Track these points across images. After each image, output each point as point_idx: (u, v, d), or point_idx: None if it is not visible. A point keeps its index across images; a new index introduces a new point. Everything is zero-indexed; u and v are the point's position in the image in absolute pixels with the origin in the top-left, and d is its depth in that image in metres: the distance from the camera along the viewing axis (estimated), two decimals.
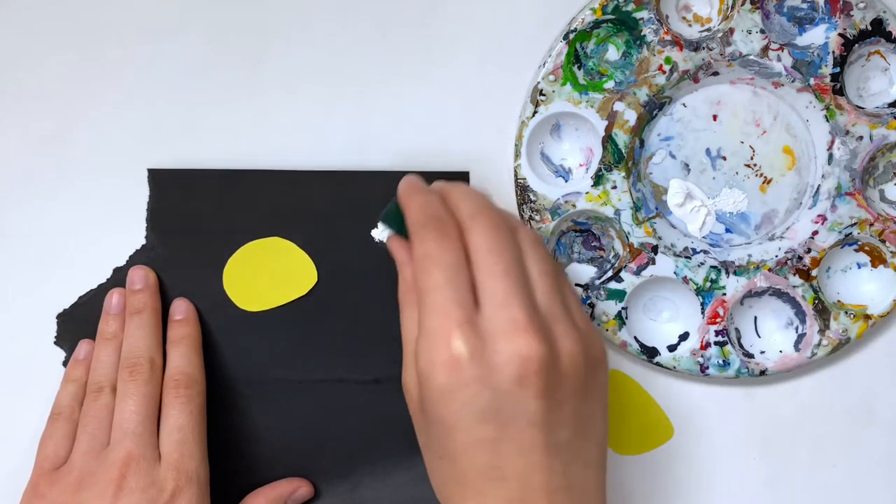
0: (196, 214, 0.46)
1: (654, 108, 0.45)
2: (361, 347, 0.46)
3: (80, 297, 0.46)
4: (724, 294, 0.45)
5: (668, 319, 0.47)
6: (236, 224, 0.46)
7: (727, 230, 0.47)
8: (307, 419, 0.46)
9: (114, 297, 0.45)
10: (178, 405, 0.42)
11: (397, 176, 0.46)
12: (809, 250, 0.46)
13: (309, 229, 0.46)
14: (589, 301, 0.45)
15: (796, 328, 0.46)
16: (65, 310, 0.46)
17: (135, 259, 0.46)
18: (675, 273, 0.45)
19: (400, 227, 0.40)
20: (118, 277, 0.45)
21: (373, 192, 0.45)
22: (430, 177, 0.46)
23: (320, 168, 0.46)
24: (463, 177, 0.46)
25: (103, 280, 0.46)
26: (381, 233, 0.41)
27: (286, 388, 0.46)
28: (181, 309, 0.45)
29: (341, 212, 0.46)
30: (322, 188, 0.46)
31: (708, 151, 0.46)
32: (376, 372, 0.46)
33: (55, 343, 0.46)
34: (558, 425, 0.36)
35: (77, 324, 0.45)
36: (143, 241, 0.46)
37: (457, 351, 0.35)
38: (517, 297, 0.36)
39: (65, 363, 0.45)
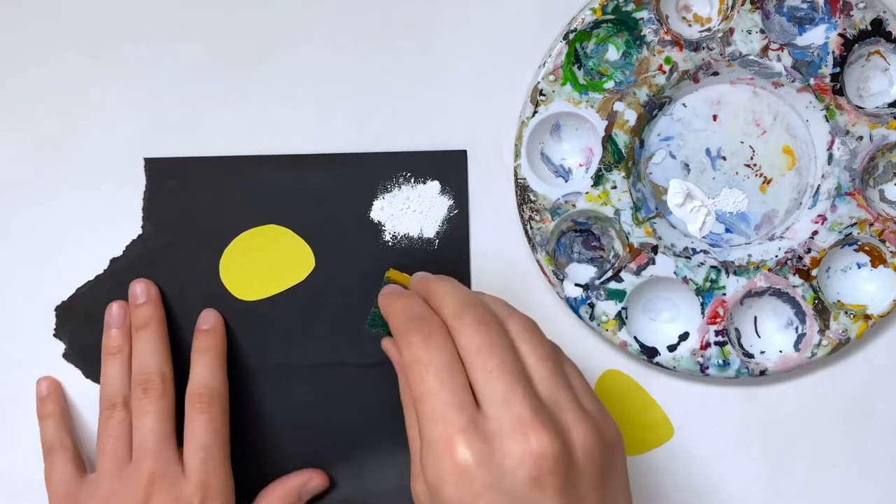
0: (192, 203, 0.46)
1: (654, 108, 0.45)
2: (361, 331, 0.46)
3: (77, 289, 0.46)
4: (724, 294, 0.45)
5: (668, 319, 0.46)
6: (232, 211, 0.46)
7: (727, 230, 0.47)
8: (309, 403, 0.46)
9: (113, 309, 0.45)
10: (202, 422, 0.42)
11: (392, 157, 0.46)
12: (809, 250, 0.46)
13: (306, 214, 0.46)
14: (589, 301, 0.45)
15: (796, 328, 0.46)
16: (63, 302, 0.46)
17: (131, 249, 0.46)
18: (675, 273, 0.45)
19: (387, 328, 0.39)
20: (115, 268, 0.46)
21: (369, 174, 0.46)
22: (427, 155, 0.46)
23: None
24: (460, 155, 0.46)
25: (100, 271, 0.46)
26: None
27: (287, 374, 0.46)
28: (209, 320, 0.45)
29: (338, 195, 0.46)
30: (318, 171, 0.46)
31: (708, 151, 0.46)
32: (376, 355, 0.46)
33: (54, 335, 0.46)
34: None
35: (75, 315, 0.45)
36: (140, 232, 0.46)
37: (463, 459, 0.33)
38: (517, 391, 0.33)
39: (64, 355, 0.45)
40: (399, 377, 0.38)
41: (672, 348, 0.46)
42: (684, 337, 0.46)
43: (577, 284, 0.45)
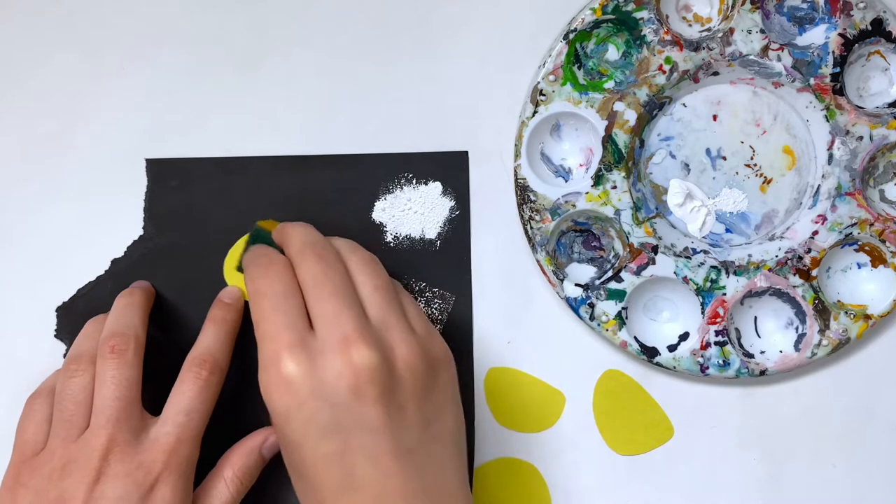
0: (193, 204, 0.46)
1: (654, 108, 0.45)
2: None
3: (78, 290, 0.46)
4: (724, 294, 0.45)
5: (668, 319, 0.47)
6: (234, 212, 0.46)
7: (727, 230, 0.47)
8: None
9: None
10: (195, 388, 0.41)
11: (393, 158, 0.46)
12: (809, 250, 0.46)
13: (307, 215, 0.46)
14: (589, 301, 0.45)
15: (796, 328, 0.46)
16: (64, 303, 0.46)
17: (133, 250, 0.46)
18: (675, 273, 0.45)
19: None
20: (116, 269, 0.46)
21: (371, 175, 0.46)
22: (428, 157, 0.46)
23: None
24: (462, 156, 0.46)
25: (101, 272, 0.46)
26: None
27: None
28: (233, 295, 0.45)
29: (339, 196, 0.46)
30: (319, 173, 0.46)
31: (708, 151, 0.46)
32: None
33: (55, 336, 0.46)
34: (403, 429, 0.36)
35: (76, 316, 0.46)
36: (141, 233, 0.46)
37: (287, 371, 0.36)
38: (346, 313, 0.37)
39: (65, 356, 0.45)
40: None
41: (672, 348, 0.46)
42: (684, 337, 0.46)
43: (577, 284, 0.45)
